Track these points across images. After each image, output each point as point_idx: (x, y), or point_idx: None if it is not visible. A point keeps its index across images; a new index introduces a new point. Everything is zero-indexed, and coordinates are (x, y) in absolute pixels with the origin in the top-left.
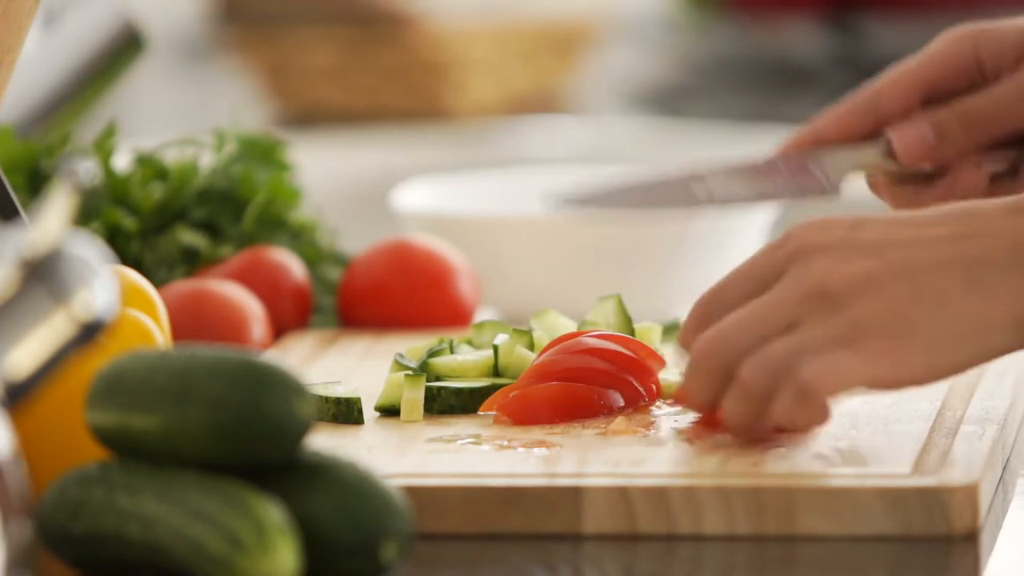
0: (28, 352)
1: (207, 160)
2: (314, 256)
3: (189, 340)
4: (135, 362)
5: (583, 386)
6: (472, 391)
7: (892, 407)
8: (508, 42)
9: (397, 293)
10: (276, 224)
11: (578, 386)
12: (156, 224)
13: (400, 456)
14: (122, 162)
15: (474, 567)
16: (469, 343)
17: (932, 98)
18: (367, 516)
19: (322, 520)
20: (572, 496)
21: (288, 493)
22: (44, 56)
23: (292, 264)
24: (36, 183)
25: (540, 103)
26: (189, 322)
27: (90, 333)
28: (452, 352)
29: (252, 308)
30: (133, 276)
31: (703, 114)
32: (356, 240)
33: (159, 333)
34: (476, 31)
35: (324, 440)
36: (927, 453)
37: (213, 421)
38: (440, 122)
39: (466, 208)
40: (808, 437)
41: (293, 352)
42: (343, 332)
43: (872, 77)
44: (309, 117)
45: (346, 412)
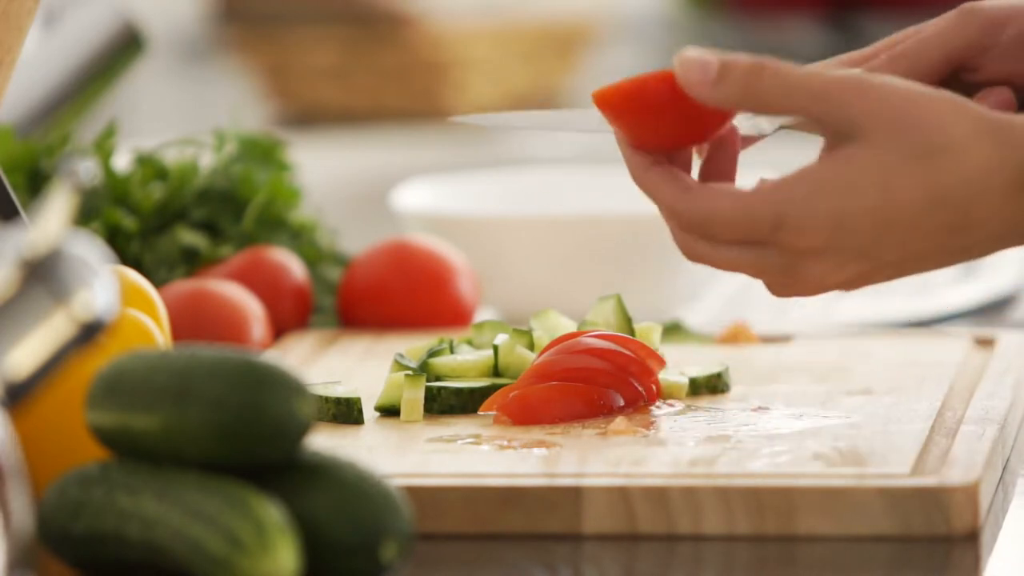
0: (28, 352)
1: (207, 160)
2: (314, 256)
3: (189, 340)
4: (135, 362)
5: (583, 386)
6: (472, 391)
7: (892, 407)
8: (508, 42)
9: (397, 293)
10: (276, 224)
11: (578, 386)
12: (156, 224)
13: (400, 456)
14: (122, 162)
15: (474, 567)
16: (469, 343)
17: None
18: (367, 516)
19: (322, 520)
20: (572, 496)
21: (288, 493)
22: (44, 56)
23: (292, 264)
24: (36, 183)
25: (540, 103)
26: (189, 322)
27: (90, 333)
28: (452, 352)
29: (252, 308)
30: (133, 276)
31: None
32: (356, 240)
33: (159, 333)
34: (476, 31)
35: (324, 440)
36: (927, 453)
37: (213, 421)
38: (440, 122)
39: (466, 208)
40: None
41: (293, 352)
42: (343, 332)
43: None
44: (309, 117)
45: (346, 412)
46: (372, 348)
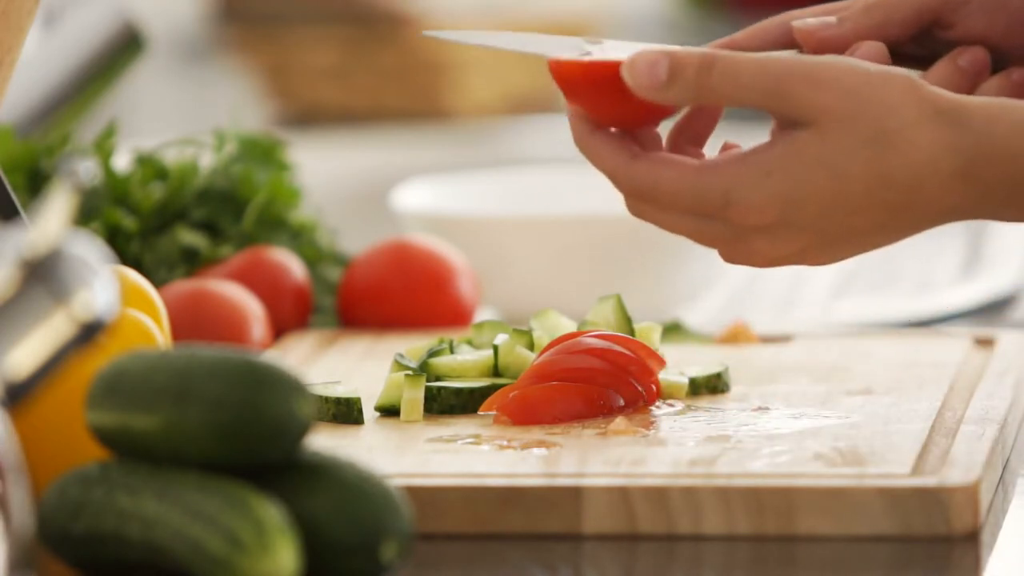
0: (28, 352)
1: (207, 160)
2: (314, 256)
3: (189, 340)
4: (135, 362)
5: (583, 386)
6: (472, 391)
7: (892, 407)
8: None
9: (397, 293)
10: (276, 224)
11: (578, 386)
12: (156, 224)
13: (400, 456)
14: (122, 162)
15: (474, 567)
16: (469, 343)
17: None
18: (367, 516)
19: (322, 520)
20: (572, 496)
21: (288, 493)
22: (44, 56)
23: (292, 264)
24: (36, 183)
25: (540, 103)
26: (189, 322)
27: (90, 333)
28: (452, 352)
29: (252, 308)
30: (133, 276)
31: None
32: (356, 240)
33: (159, 333)
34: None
35: (324, 440)
36: (927, 453)
37: (213, 421)
38: (440, 122)
39: (466, 208)
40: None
41: (293, 352)
42: (343, 332)
43: None
44: (309, 117)
45: (346, 412)
46: (372, 348)
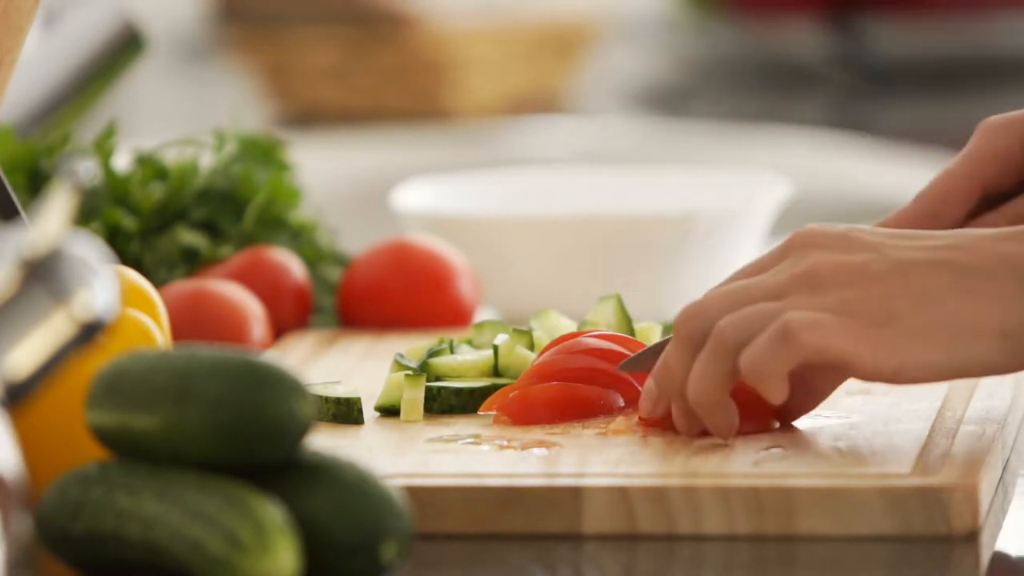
0: (28, 352)
1: (207, 160)
2: (314, 256)
3: (189, 340)
4: (135, 362)
5: (583, 386)
6: (472, 391)
7: (892, 407)
8: (508, 42)
9: (397, 293)
10: (276, 224)
11: (578, 386)
12: (156, 224)
13: (400, 456)
14: (122, 162)
15: (474, 567)
16: (469, 343)
17: (987, 198)
18: (367, 516)
19: (322, 520)
20: (572, 496)
21: (288, 493)
22: (44, 56)
23: (292, 264)
24: (36, 183)
25: (540, 103)
26: (189, 322)
27: (90, 333)
28: (452, 352)
29: (252, 308)
30: (133, 276)
31: (703, 114)
32: (356, 240)
33: (159, 333)
34: (476, 31)
35: (324, 440)
36: (927, 453)
37: (213, 421)
38: (440, 122)
39: (466, 208)
40: (756, 432)
41: (293, 352)
42: (343, 332)
43: (872, 77)
44: (309, 117)
45: (346, 412)
46: (372, 348)
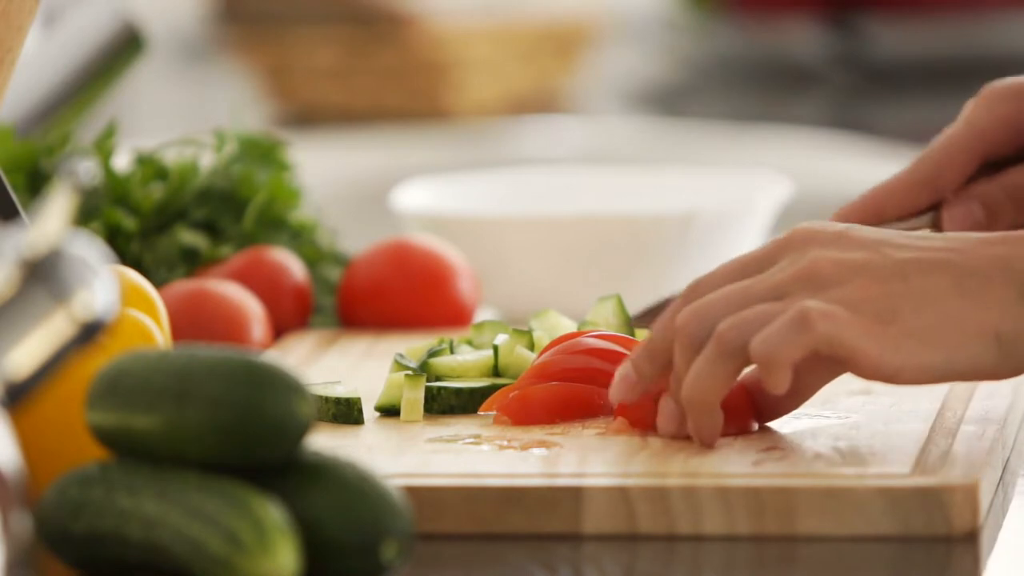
0: (28, 352)
1: (207, 160)
2: (314, 256)
3: (189, 340)
4: (135, 362)
5: (583, 386)
6: (472, 391)
7: (892, 407)
8: (508, 42)
9: (397, 293)
10: (276, 224)
11: (578, 386)
12: (156, 224)
13: (400, 456)
14: (122, 162)
15: (474, 567)
16: (469, 343)
17: (987, 164)
18: (367, 516)
19: (322, 520)
20: (572, 496)
21: (288, 493)
22: (44, 56)
23: (292, 264)
24: (36, 183)
25: (540, 103)
26: (189, 322)
27: (90, 333)
28: (452, 352)
29: (252, 308)
30: (133, 276)
31: (703, 114)
32: (356, 240)
33: (159, 333)
34: (476, 31)
35: (324, 440)
36: (927, 453)
37: (213, 421)
38: (440, 122)
39: (466, 208)
40: (736, 434)
41: (293, 352)
42: (343, 332)
43: (872, 77)
44: (309, 117)
45: (346, 412)
46: (372, 348)
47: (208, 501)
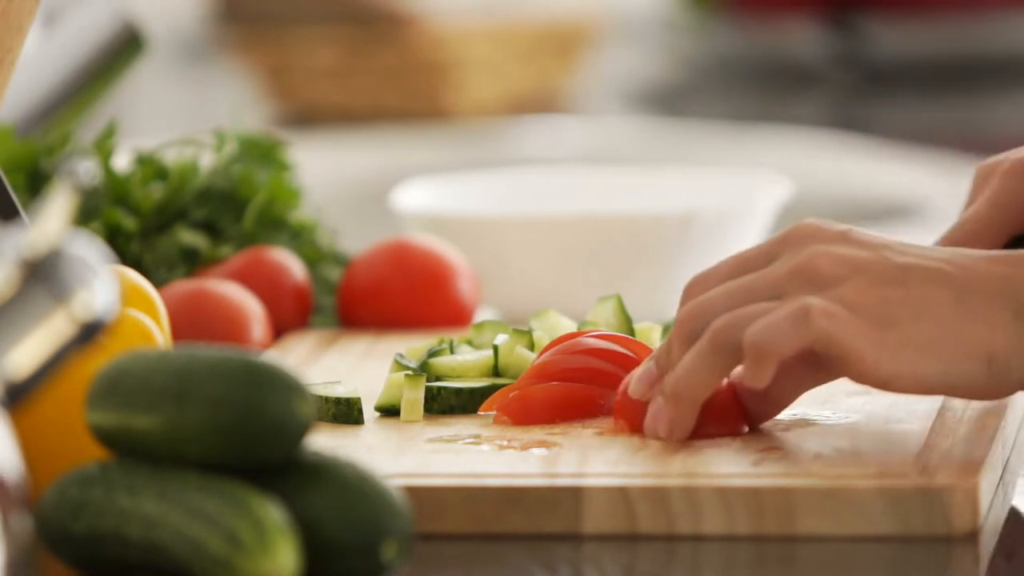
0: (28, 352)
1: (207, 160)
2: (314, 256)
3: (189, 340)
4: (135, 362)
5: (583, 386)
6: (472, 391)
7: (892, 407)
8: (508, 42)
9: (397, 293)
10: (276, 224)
11: (578, 386)
12: (156, 224)
13: (400, 456)
14: (122, 162)
15: (474, 567)
16: (469, 343)
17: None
18: (367, 516)
19: (322, 520)
20: (572, 496)
21: (288, 493)
22: (44, 56)
23: (292, 264)
24: (36, 183)
25: (540, 103)
26: (189, 322)
27: (90, 333)
28: (452, 352)
29: (252, 308)
30: (133, 276)
31: (703, 114)
32: (356, 240)
33: (159, 333)
34: (476, 31)
35: (324, 440)
36: (927, 453)
37: (213, 421)
38: (440, 122)
39: (466, 208)
40: (726, 436)
41: (293, 352)
42: (343, 332)
43: (872, 77)
44: (309, 117)
45: (346, 412)
46: (372, 348)
47: (208, 501)
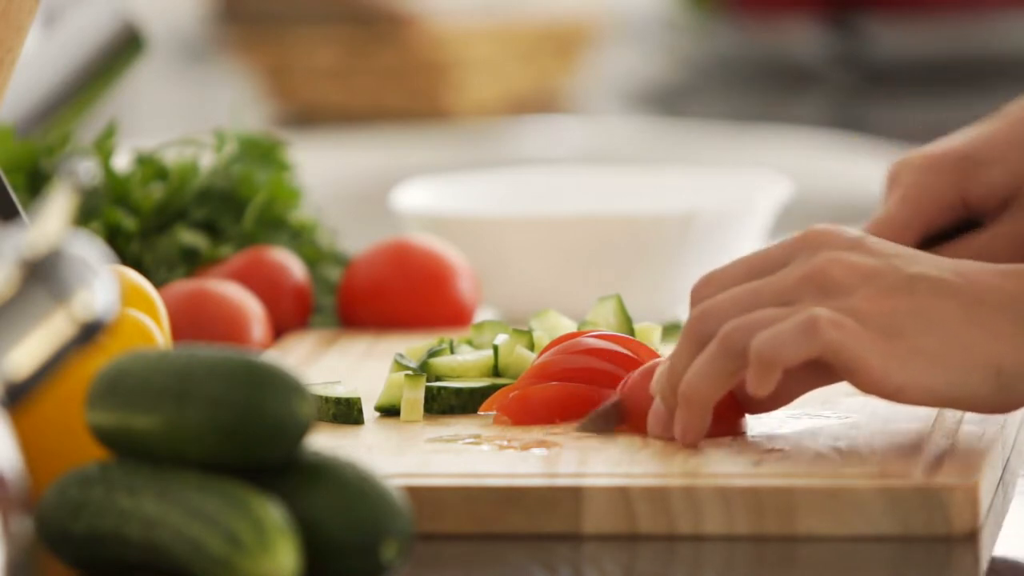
0: (28, 352)
1: (207, 160)
2: (314, 256)
3: (189, 340)
4: (135, 362)
5: (583, 386)
6: (472, 391)
7: (892, 407)
8: (508, 42)
9: (397, 293)
10: (276, 224)
11: (578, 386)
12: (156, 224)
13: (400, 456)
14: (122, 162)
15: (474, 567)
16: (469, 343)
17: (924, 241)
18: (367, 516)
19: (322, 520)
20: (572, 496)
21: (288, 493)
22: (44, 56)
23: (292, 264)
24: (36, 183)
25: (540, 103)
26: (189, 322)
27: (90, 333)
28: (452, 352)
29: (252, 308)
30: (133, 276)
31: (703, 114)
32: (356, 240)
33: (159, 333)
34: (476, 31)
35: (324, 440)
36: (927, 453)
37: (213, 421)
38: (440, 122)
39: (466, 208)
40: (725, 435)
41: (293, 352)
42: (343, 332)
43: (872, 77)
44: (309, 117)
45: (346, 412)
46: (372, 348)
47: (208, 501)
